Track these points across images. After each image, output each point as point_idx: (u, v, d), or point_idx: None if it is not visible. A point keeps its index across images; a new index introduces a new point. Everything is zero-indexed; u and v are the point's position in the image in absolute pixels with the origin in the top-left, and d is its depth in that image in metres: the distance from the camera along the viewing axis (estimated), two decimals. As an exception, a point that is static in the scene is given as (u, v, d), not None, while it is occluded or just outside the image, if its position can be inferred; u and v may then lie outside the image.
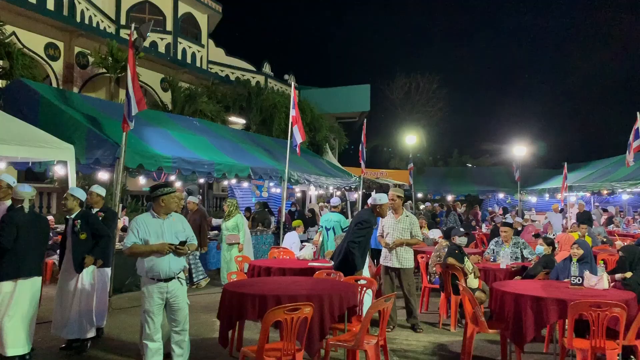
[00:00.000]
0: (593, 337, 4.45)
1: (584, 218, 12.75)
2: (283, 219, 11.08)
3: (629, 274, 5.53)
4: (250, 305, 4.58)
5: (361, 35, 76.08)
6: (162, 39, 21.22)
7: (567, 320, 4.64)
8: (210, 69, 23.25)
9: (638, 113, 12.18)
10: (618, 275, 5.63)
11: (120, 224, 9.72)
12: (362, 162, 14.61)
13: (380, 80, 39.21)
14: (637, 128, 12.24)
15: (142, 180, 13.32)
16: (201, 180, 14.63)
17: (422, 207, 21.79)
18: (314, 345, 4.52)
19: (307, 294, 4.66)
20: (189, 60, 21.97)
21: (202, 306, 7.98)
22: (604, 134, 48.84)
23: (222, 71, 23.78)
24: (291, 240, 9.55)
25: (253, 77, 24.06)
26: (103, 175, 10.81)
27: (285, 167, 10.92)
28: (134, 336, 6.08)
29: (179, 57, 21.36)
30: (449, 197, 24.04)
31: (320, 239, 8.84)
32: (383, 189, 20.21)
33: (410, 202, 18.66)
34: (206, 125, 13.07)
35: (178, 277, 4.74)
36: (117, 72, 15.33)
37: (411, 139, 23.42)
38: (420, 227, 12.04)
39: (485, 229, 16.34)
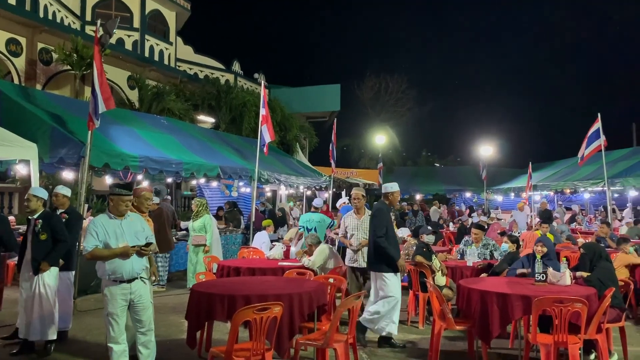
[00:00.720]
0: (556, 332, 4.57)
1: (545, 217, 13.07)
2: (253, 219, 11.02)
3: (586, 274, 5.70)
4: (219, 306, 4.55)
5: (332, 35, 76.38)
6: (129, 36, 20.85)
7: (531, 316, 4.75)
8: (179, 66, 22.96)
9: (599, 114, 12.54)
10: (579, 273, 5.79)
11: (85, 224, 9.51)
12: (332, 162, 14.68)
13: (350, 80, 39.50)
14: (598, 129, 12.59)
15: (108, 179, 13.06)
16: (169, 180, 14.43)
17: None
18: (283, 345, 4.52)
19: (277, 293, 4.66)
20: (156, 57, 21.64)
21: (170, 307, 7.88)
22: (567, 134, 50.19)
23: (190, 69, 23.51)
24: (261, 240, 9.51)
25: (222, 76, 23.85)
26: (67, 174, 10.55)
27: (255, 167, 10.87)
28: (100, 338, 5.95)
29: (147, 54, 21.02)
30: (418, 197, 24.35)
31: (299, 240, 8.67)
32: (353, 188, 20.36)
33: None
34: (174, 124, 12.90)
35: (141, 277, 4.65)
36: (82, 69, 14.98)
37: (381, 138, 23.63)
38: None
39: (452, 227, 16.59)
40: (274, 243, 9.28)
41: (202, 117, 18.61)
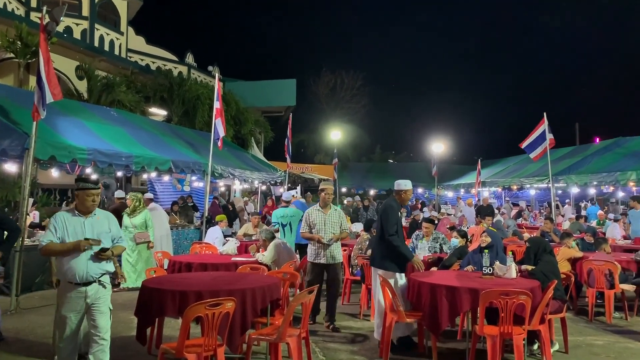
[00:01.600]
0: (502, 324, 4.73)
1: (488, 211, 13.51)
2: (206, 213, 10.89)
3: (530, 267, 5.93)
4: (170, 302, 4.47)
5: (288, 30, 76.06)
6: (77, 24, 20.12)
7: (478, 308, 4.89)
8: (130, 57, 22.33)
9: (545, 114, 13.02)
10: (524, 266, 6.01)
11: (29, 220, 9.14)
12: (287, 157, 14.65)
13: (306, 75, 39.45)
14: (545, 129, 13.07)
15: (54, 172, 12.59)
16: (119, 174, 14.05)
17: (345, 201, 22.18)
18: (235, 340, 4.50)
19: (230, 289, 4.62)
20: (106, 47, 20.97)
21: (119, 304, 7.68)
22: (515, 132, 51.92)
23: (142, 60, 22.90)
24: (214, 235, 9.41)
25: (175, 68, 23.36)
26: (10, 167, 10.12)
27: (208, 161, 10.73)
28: (45, 336, 5.78)
29: (96, 43, 20.34)
30: (372, 192, 24.68)
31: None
32: (308, 183, 20.39)
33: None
34: (124, 116, 12.56)
35: (99, 281, 4.42)
36: (27, 57, 14.36)
37: (336, 134, 23.73)
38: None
39: (405, 222, 16.88)
40: (227, 238, 9.20)
41: (153, 110, 18.21)
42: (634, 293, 7.68)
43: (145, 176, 15.22)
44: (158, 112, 18.31)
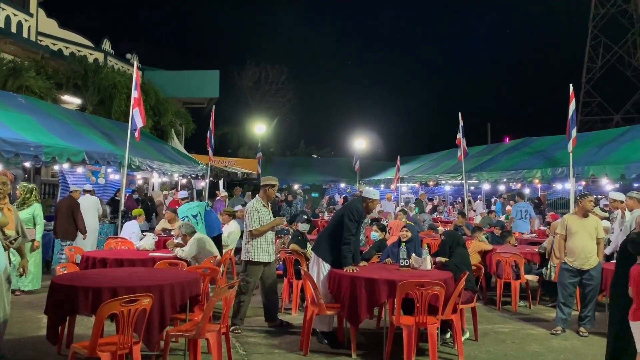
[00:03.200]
0: (417, 314, 4.93)
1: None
2: (122, 207, 10.47)
3: (445, 259, 6.22)
4: (83, 299, 4.27)
5: (212, 19, 74.43)
6: (-21, 2, 18.56)
7: (395, 299, 5.07)
8: (40, 41, 20.89)
9: (459, 113, 13.67)
10: (438, 258, 6.29)
11: None
12: (210, 150, 14.36)
13: (230, 67, 38.72)
14: (461, 127, 13.74)
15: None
16: (27, 164, 13.16)
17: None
18: (153, 337, 4.38)
19: (147, 284, 4.49)
20: (14, 29, 19.50)
21: (26, 302, 7.25)
22: (432, 130, 54.12)
23: (54, 44, 21.51)
24: (130, 230, 9.08)
25: (91, 54, 22.15)
26: None
27: (125, 152, 10.31)
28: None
29: (2, 25, 18.88)
30: (296, 186, 24.78)
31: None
32: (231, 177, 20.12)
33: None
34: (34, 103, 11.78)
35: None
36: None
37: (260, 128, 23.59)
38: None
39: (327, 216, 17.11)
40: (145, 233, 8.90)
41: (66, 98, 17.19)
42: (537, 283, 8.26)
43: (56, 167, 14.36)
44: (71, 101, 17.31)
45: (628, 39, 55.58)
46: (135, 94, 10.18)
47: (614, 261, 6.83)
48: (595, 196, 6.77)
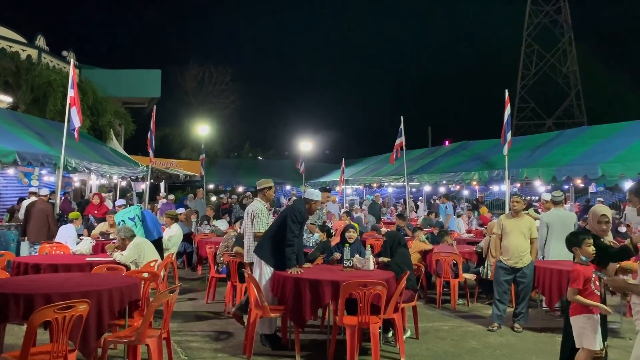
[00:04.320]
0: (360, 314, 5.00)
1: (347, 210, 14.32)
2: (58, 210, 10.04)
3: (387, 259, 6.34)
4: (13, 306, 4.08)
5: (154, 17, 72.63)
6: None
7: (339, 300, 5.12)
8: (-33, 35, 19.78)
9: (402, 117, 13.99)
10: (381, 258, 6.40)
11: None
12: (150, 151, 13.99)
13: (172, 67, 37.83)
14: (401, 129, 14.06)
15: None
16: (-48, 166, 12.40)
17: (213, 198, 21.86)
18: (89, 345, 4.23)
19: (83, 290, 4.33)
20: (-63, 21, 18.36)
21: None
22: (376, 133, 55.06)
23: (-18, 39, 20.41)
24: (67, 234, 8.71)
25: (23, 50, 21.11)
26: None
27: (60, 153, 9.90)
28: None
29: None
30: (240, 189, 24.56)
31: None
32: (173, 179, 19.68)
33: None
34: (-40, 101, 11.13)
35: None
36: None
37: (204, 129, 23.14)
38: (210, 218, 12.11)
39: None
40: (81, 237, 8.57)
41: (-4, 95, 16.32)
42: (475, 281, 8.56)
43: (-16, 169, 13.60)
44: (2, 99, 16.45)
45: (559, 48, 58.67)
46: (71, 92, 9.81)
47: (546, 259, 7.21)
48: (523, 197, 7.09)
